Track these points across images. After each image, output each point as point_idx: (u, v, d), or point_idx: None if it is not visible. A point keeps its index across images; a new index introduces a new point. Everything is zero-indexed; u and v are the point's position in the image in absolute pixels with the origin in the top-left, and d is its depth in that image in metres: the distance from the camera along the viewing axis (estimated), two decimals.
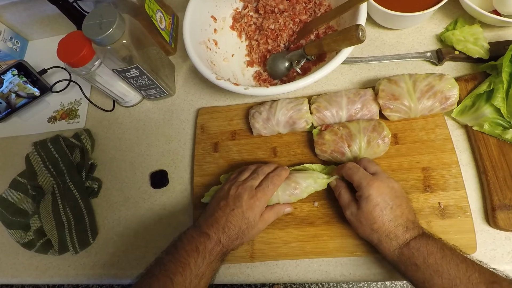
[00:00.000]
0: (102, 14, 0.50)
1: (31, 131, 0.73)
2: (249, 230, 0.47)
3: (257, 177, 0.49)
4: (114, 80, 0.62)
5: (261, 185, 0.48)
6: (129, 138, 0.67)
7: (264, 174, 0.49)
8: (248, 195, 0.46)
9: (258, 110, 0.57)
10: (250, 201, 0.46)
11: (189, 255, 0.43)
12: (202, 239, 0.45)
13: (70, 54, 0.54)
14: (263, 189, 0.47)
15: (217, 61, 0.62)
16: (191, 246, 0.44)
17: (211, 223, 0.46)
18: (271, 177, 0.48)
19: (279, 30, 0.63)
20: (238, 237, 0.46)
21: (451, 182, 0.50)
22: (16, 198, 0.64)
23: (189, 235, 0.46)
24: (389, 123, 0.54)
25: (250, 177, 0.49)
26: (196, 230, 0.46)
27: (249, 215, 0.46)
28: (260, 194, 0.47)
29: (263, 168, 0.50)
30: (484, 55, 0.54)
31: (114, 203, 0.63)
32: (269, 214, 0.49)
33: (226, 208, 0.46)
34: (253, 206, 0.46)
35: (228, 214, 0.46)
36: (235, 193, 0.47)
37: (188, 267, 0.42)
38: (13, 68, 0.71)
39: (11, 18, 0.78)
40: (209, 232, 0.45)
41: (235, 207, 0.46)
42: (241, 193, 0.47)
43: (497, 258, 0.47)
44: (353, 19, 0.53)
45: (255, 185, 0.48)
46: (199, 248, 0.44)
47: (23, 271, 0.61)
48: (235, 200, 0.46)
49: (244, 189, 0.47)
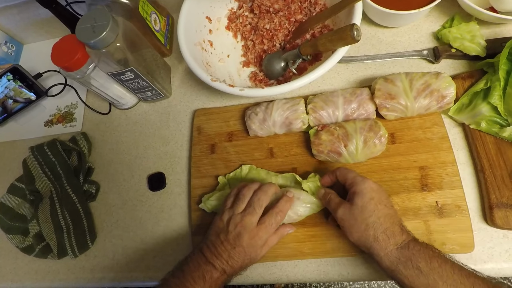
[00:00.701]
0: (95, 17, 0.49)
1: (28, 136, 0.73)
2: (252, 262, 0.47)
3: (254, 211, 0.45)
4: (109, 83, 0.61)
5: (264, 222, 0.46)
6: (126, 140, 0.67)
7: (261, 206, 0.46)
8: (249, 234, 0.45)
9: (254, 111, 0.57)
10: (251, 241, 0.45)
11: (195, 282, 0.43)
12: (209, 268, 0.44)
13: (64, 58, 0.53)
14: (266, 228, 0.45)
15: (212, 62, 0.62)
16: (197, 273, 0.44)
17: (215, 254, 0.45)
18: (275, 213, 0.46)
19: (274, 30, 0.62)
20: (242, 268, 0.46)
21: (449, 181, 0.50)
22: (14, 203, 0.64)
23: (195, 262, 0.45)
24: (386, 122, 0.54)
25: (247, 211, 0.46)
26: (202, 258, 0.46)
27: (251, 252, 0.45)
28: (262, 232, 0.45)
29: (260, 197, 0.46)
30: (481, 53, 0.54)
31: (112, 206, 0.63)
32: (273, 239, 0.48)
33: (227, 245, 0.45)
34: (255, 245, 0.45)
35: (230, 251, 0.45)
36: (234, 230, 0.45)
37: None
38: (8, 73, 0.71)
39: (5, 22, 0.77)
40: (214, 263, 0.45)
41: (236, 246, 0.45)
42: (241, 232, 0.45)
43: (495, 257, 0.47)
44: (348, 18, 0.53)
45: (255, 222, 0.45)
46: (206, 277, 0.44)
47: (23, 276, 0.62)
48: (235, 239, 0.45)
49: (244, 228, 0.45)
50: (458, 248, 0.47)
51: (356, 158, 0.51)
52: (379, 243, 0.40)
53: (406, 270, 0.38)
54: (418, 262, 0.38)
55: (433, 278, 0.36)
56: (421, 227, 0.48)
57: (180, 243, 0.57)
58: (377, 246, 0.40)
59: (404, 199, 0.50)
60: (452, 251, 0.47)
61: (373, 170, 0.52)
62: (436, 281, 0.37)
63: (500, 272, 0.46)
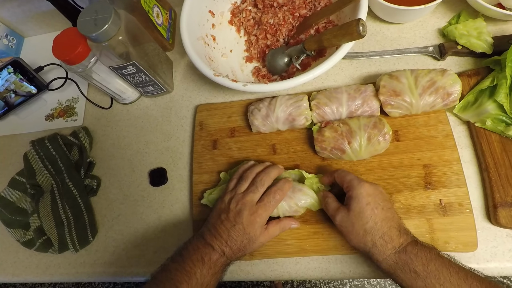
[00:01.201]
0: (97, 10, 0.49)
1: (29, 129, 0.73)
2: (251, 244, 0.46)
3: (256, 190, 0.47)
4: (111, 77, 0.61)
5: (263, 200, 0.47)
6: (128, 135, 0.67)
7: (263, 185, 0.47)
8: (249, 211, 0.46)
9: (257, 107, 0.56)
10: (250, 218, 0.45)
11: (195, 265, 0.43)
12: (207, 250, 0.45)
13: (65, 51, 0.53)
14: (265, 205, 0.46)
15: (215, 57, 0.61)
16: (196, 256, 0.44)
17: (214, 235, 0.46)
18: (273, 191, 0.47)
19: (278, 25, 0.62)
20: (240, 250, 0.46)
21: (453, 179, 0.49)
22: (15, 197, 0.64)
23: (195, 245, 0.46)
24: (390, 120, 0.53)
25: (250, 190, 0.47)
26: (201, 241, 0.46)
27: (250, 231, 0.46)
28: (261, 210, 0.46)
29: (262, 177, 0.48)
30: (488, 50, 0.53)
31: (113, 201, 0.62)
32: (274, 228, 0.48)
33: (228, 223, 0.46)
34: (254, 222, 0.46)
35: (229, 229, 0.45)
36: (235, 208, 0.46)
37: (194, 277, 0.43)
38: (8, 66, 0.70)
39: (6, 15, 0.76)
40: (213, 244, 0.45)
41: (235, 223, 0.45)
42: (241, 209, 0.46)
43: (498, 256, 0.46)
44: (353, 13, 0.52)
45: (255, 200, 0.47)
46: (205, 259, 0.44)
47: (24, 270, 0.61)
48: (235, 216, 0.46)
49: (245, 204, 0.46)
50: (461, 247, 0.46)
51: (359, 155, 0.51)
52: (377, 248, 0.41)
53: (403, 274, 0.39)
54: (415, 266, 0.38)
55: (430, 281, 0.37)
56: (424, 225, 0.48)
57: (181, 239, 0.56)
58: (376, 251, 0.41)
59: (408, 197, 0.50)
60: (455, 250, 0.46)
61: (376, 168, 0.52)
62: (433, 284, 0.37)
63: (503, 272, 0.46)
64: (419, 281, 0.38)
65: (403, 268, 0.39)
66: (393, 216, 0.43)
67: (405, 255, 0.39)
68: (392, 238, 0.41)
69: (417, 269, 0.38)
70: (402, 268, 0.39)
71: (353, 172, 0.52)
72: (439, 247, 0.47)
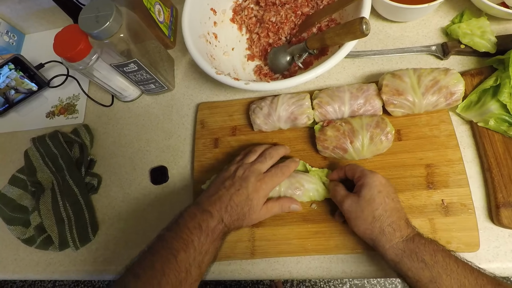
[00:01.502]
0: (98, 7, 0.48)
1: (30, 127, 0.73)
2: (250, 213, 0.46)
3: (265, 160, 0.48)
4: (112, 75, 0.61)
5: (270, 171, 0.48)
6: (129, 133, 0.67)
7: (271, 158, 0.49)
8: (256, 178, 0.46)
9: (259, 106, 0.56)
10: (256, 184, 0.46)
11: (192, 232, 0.42)
12: (205, 217, 0.44)
13: (66, 48, 0.52)
14: (271, 176, 0.47)
15: (217, 55, 0.61)
16: (193, 223, 0.43)
17: (214, 201, 0.45)
18: (280, 166, 0.49)
19: (280, 23, 0.61)
20: (239, 218, 0.45)
21: (455, 179, 0.49)
22: (15, 194, 0.64)
23: (191, 212, 0.45)
24: (393, 119, 0.53)
25: (258, 160, 0.48)
26: (198, 208, 0.45)
27: (253, 198, 0.45)
28: (267, 179, 0.47)
29: (270, 151, 0.49)
30: (491, 49, 0.53)
31: (114, 199, 0.62)
32: (274, 204, 0.48)
33: (231, 188, 0.46)
34: (259, 189, 0.46)
35: (232, 194, 0.45)
36: (242, 174, 0.47)
37: (192, 245, 0.42)
38: (9, 63, 0.70)
39: (7, 11, 0.76)
40: (211, 210, 0.44)
41: (240, 188, 0.45)
42: (248, 175, 0.46)
43: (500, 256, 0.46)
44: (356, 11, 0.52)
45: (263, 170, 0.48)
46: (202, 226, 0.43)
47: (24, 267, 0.61)
48: (241, 181, 0.46)
49: (252, 171, 0.47)
50: (463, 247, 0.46)
51: (361, 154, 0.50)
52: (385, 236, 0.40)
53: (410, 262, 0.38)
54: (423, 255, 0.38)
55: (437, 271, 0.37)
56: (426, 225, 0.48)
57: None
58: (383, 239, 0.40)
59: (410, 197, 0.50)
60: (457, 250, 0.46)
61: (378, 167, 0.52)
62: (440, 274, 0.37)
63: (505, 272, 0.46)
64: (426, 270, 0.37)
65: (411, 256, 0.38)
66: (402, 208, 0.43)
67: (412, 244, 0.39)
68: (401, 227, 0.41)
69: (425, 258, 0.38)
70: (410, 256, 0.38)
71: None
72: None
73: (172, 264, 0.40)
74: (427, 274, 0.37)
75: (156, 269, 0.40)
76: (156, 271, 0.40)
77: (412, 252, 0.39)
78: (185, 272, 0.40)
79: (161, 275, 0.39)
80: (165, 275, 0.39)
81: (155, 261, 0.41)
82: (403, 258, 0.39)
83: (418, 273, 0.38)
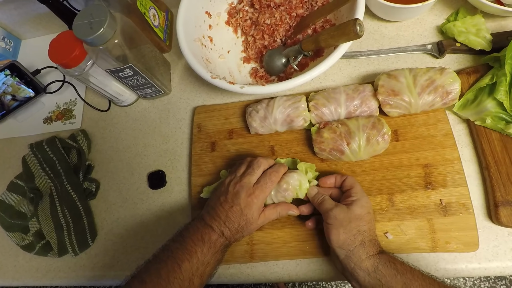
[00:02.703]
0: (92, 13, 0.48)
1: (27, 133, 0.73)
2: (248, 225, 0.47)
3: (253, 171, 0.48)
4: (108, 80, 0.61)
5: (259, 182, 0.48)
6: (126, 138, 0.67)
7: (259, 167, 0.49)
8: (246, 193, 0.47)
9: (255, 109, 0.56)
10: (247, 199, 0.47)
11: (195, 244, 0.44)
12: (207, 230, 0.46)
13: (61, 55, 0.52)
14: (261, 186, 0.47)
15: (212, 58, 0.61)
16: (196, 236, 0.45)
17: (213, 216, 0.47)
18: (269, 173, 0.48)
19: (275, 25, 0.61)
20: (238, 232, 0.47)
21: (453, 179, 0.49)
22: (14, 201, 0.64)
23: (195, 226, 0.47)
24: (389, 119, 0.53)
25: (247, 172, 0.49)
26: (201, 222, 0.47)
27: (247, 213, 0.47)
28: (258, 191, 0.47)
29: (258, 160, 0.50)
30: (487, 47, 0.53)
31: (112, 204, 0.62)
32: (271, 212, 0.49)
33: (226, 205, 0.47)
34: (251, 204, 0.47)
35: (227, 211, 0.47)
36: (233, 190, 0.47)
37: (195, 255, 0.44)
38: (6, 69, 0.70)
39: (3, 17, 0.76)
40: (212, 225, 0.46)
41: (233, 204, 0.47)
42: (239, 191, 0.47)
43: (499, 255, 0.46)
44: (351, 12, 0.52)
45: (253, 182, 0.48)
46: (205, 239, 0.45)
47: (24, 274, 0.61)
48: (233, 198, 0.47)
49: (242, 186, 0.47)
50: (462, 247, 0.46)
51: (358, 156, 0.50)
52: (365, 248, 0.43)
53: (385, 269, 0.42)
54: (395, 263, 0.42)
55: (408, 277, 0.41)
56: (425, 225, 0.48)
57: None
58: (361, 250, 0.43)
59: (408, 197, 0.49)
60: (457, 250, 0.46)
61: (376, 168, 0.52)
62: (410, 280, 0.41)
63: (505, 271, 0.46)
64: (398, 276, 0.41)
65: (385, 264, 0.42)
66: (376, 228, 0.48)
67: (386, 254, 0.44)
68: (377, 243, 0.45)
69: (397, 266, 0.42)
70: (384, 264, 0.42)
71: (353, 173, 0.53)
72: (440, 248, 0.47)
73: (177, 273, 0.42)
74: (400, 280, 0.41)
75: (161, 277, 0.42)
76: (161, 279, 0.42)
77: (386, 260, 0.42)
78: (188, 281, 0.42)
79: (166, 282, 0.41)
80: (170, 283, 0.41)
81: (160, 269, 0.43)
82: (379, 266, 0.42)
83: (392, 280, 0.41)
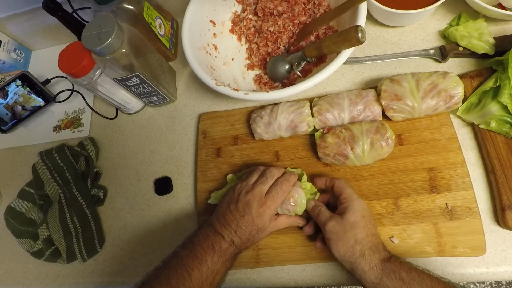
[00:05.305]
0: (100, 24, 0.50)
1: (37, 141, 0.74)
2: (259, 234, 0.47)
3: (266, 181, 0.48)
4: (115, 89, 0.62)
5: (271, 192, 0.47)
6: (133, 145, 0.68)
7: (272, 177, 0.49)
8: (258, 203, 0.46)
9: (260, 115, 0.57)
10: (260, 210, 0.46)
11: (206, 252, 0.44)
12: (217, 239, 0.46)
13: (71, 65, 0.54)
14: (273, 196, 0.47)
15: (217, 66, 0.62)
16: (207, 244, 0.45)
17: (224, 224, 0.47)
18: (280, 182, 0.48)
19: (278, 32, 0.62)
20: (249, 240, 0.47)
21: (458, 182, 0.49)
22: (24, 208, 0.65)
23: (205, 233, 0.47)
24: (393, 124, 0.53)
25: (259, 181, 0.48)
26: (211, 229, 0.47)
27: (259, 222, 0.46)
28: (269, 202, 0.47)
29: (271, 170, 0.50)
30: (490, 51, 0.53)
31: (119, 210, 0.63)
32: (283, 221, 0.49)
33: (237, 214, 0.46)
34: (263, 214, 0.46)
35: (238, 219, 0.46)
36: (245, 199, 0.47)
37: (205, 264, 0.44)
38: (17, 79, 0.72)
39: (14, 29, 0.79)
40: (222, 233, 0.46)
41: (245, 214, 0.46)
42: (250, 200, 0.46)
43: (508, 259, 0.46)
44: (353, 19, 0.52)
45: (264, 191, 0.47)
46: (215, 247, 0.45)
47: (34, 280, 0.62)
48: (244, 207, 0.46)
49: (254, 196, 0.47)
50: (469, 251, 0.46)
51: (363, 160, 0.50)
52: (365, 258, 0.42)
53: (390, 281, 0.40)
54: (400, 273, 0.40)
55: (415, 287, 0.39)
56: (431, 230, 0.47)
57: None
58: (362, 261, 0.42)
59: (413, 201, 0.49)
60: (463, 254, 0.46)
61: (380, 172, 0.52)
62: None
63: None
64: (404, 287, 0.39)
65: (389, 276, 0.40)
66: (378, 234, 0.46)
67: (390, 263, 0.41)
68: (379, 250, 0.43)
69: (402, 276, 0.40)
70: (388, 275, 0.40)
71: (357, 177, 0.53)
72: (447, 252, 0.46)
73: (187, 281, 0.42)
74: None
75: (171, 285, 0.42)
76: (171, 286, 0.42)
77: (390, 271, 0.40)
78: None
79: None
80: None
81: (170, 276, 0.43)
82: (383, 278, 0.40)
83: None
